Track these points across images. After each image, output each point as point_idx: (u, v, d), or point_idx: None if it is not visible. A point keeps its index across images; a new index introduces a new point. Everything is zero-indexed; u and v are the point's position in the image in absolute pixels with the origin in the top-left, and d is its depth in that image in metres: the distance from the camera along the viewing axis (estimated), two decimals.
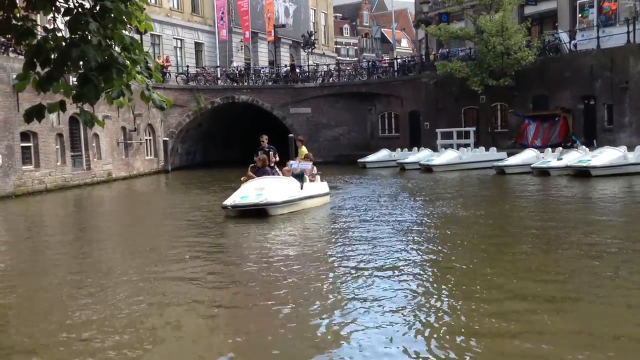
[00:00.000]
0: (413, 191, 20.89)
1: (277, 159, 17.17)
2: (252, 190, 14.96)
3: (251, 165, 16.43)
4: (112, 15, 4.82)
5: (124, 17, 4.88)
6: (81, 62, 4.78)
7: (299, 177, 16.06)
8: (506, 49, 30.89)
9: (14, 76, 21.05)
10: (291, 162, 16.91)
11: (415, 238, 11.79)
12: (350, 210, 15.88)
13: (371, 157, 33.86)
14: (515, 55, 30.89)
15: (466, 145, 31.79)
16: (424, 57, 39.93)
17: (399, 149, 34.27)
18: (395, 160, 32.26)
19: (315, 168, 17.14)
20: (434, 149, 32.08)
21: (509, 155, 28.21)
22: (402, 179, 26.02)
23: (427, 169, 28.82)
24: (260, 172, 15.97)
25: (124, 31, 4.95)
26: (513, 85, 31.73)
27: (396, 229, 12.69)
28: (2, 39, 21.91)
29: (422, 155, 31.20)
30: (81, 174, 27.36)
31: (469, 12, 34.56)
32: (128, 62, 4.92)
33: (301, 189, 15.74)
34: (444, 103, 35.14)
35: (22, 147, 23.75)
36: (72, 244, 13.26)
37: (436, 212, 15.29)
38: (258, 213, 14.46)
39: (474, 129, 33.30)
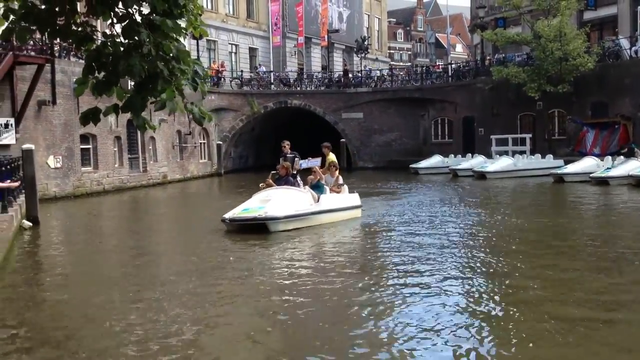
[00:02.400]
0: (465, 199, 20.58)
1: (299, 167, 15.43)
2: (257, 202, 13.81)
3: (272, 172, 15.28)
4: (160, 26, 4.89)
5: (172, 29, 4.94)
6: (125, 74, 4.87)
7: (318, 188, 14.58)
8: (564, 54, 30.23)
9: (74, 80, 21.55)
10: (301, 162, 15.18)
11: (465, 252, 11.55)
12: (390, 223, 14.80)
13: (423, 163, 33.57)
14: (573, 61, 30.21)
15: (522, 152, 31.20)
16: (479, 62, 39.40)
17: (452, 155, 33.87)
18: (447, 167, 31.89)
19: (341, 178, 15.55)
20: (488, 155, 31.59)
21: (566, 163, 27.54)
22: (454, 186, 25.69)
23: (481, 175, 28.39)
24: (281, 181, 14.70)
25: (176, 41, 5.00)
26: (571, 92, 31.03)
27: (441, 242, 12.31)
28: (64, 44, 22.59)
29: (475, 161, 30.76)
30: (137, 176, 27.96)
31: (526, 17, 33.95)
32: (179, 72, 4.97)
33: (317, 201, 14.18)
34: (499, 109, 34.59)
35: (82, 149, 24.44)
36: (129, 246, 13.54)
37: (490, 221, 14.88)
38: (259, 228, 13.14)
39: (530, 135, 32.65)
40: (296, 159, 15.14)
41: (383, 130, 38.59)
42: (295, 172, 14.96)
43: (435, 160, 33.69)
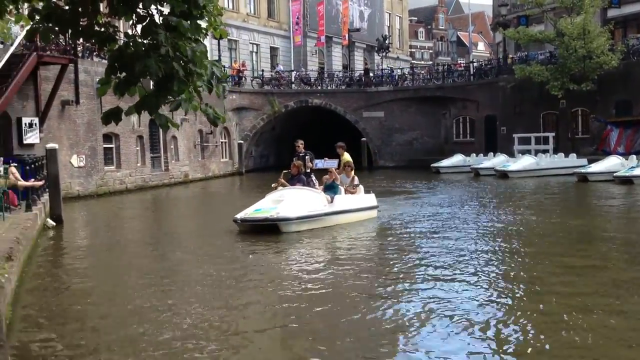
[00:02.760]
0: (486, 198, 20.44)
1: (313, 165, 15.30)
2: (269, 203, 13.58)
3: (284, 171, 15.09)
4: (178, 27, 4.92)
5: (188, 32, 4.97)
6: (142, 74, 4.91)
7: (333, 189, 14.29)
8: (588, 52, 29.90)
9: (97, 80, 21.77)
10: (316, 161, 14.99)
11: (486, 252, 11.46)
12: (409, 222, 14.56)
13: (445, 162, 33.41)
14: (597, 59, 29.87)
15: (544, 151, 30.89)
16: (501, 60, 39.10)
17: (474, 154, 33.65)
18: (469, 166, 31.73)
19: (356, 178, 15.22)
20: (511, 154, 31.33)
21: (590, 162, 27.23)
22: (475, 185, 25.52)
23: (503, 175, 28.18)
24: (294, 180, 14.48)
25: (194, 42, 5.03)
26: (595, 90, 30.68)
27: (463, 243, 12.25)
28: (87, 44, 22.83)
29: (497, 160, 30.56)
30: (160, 175, 28.17)
31: (549, 15, 33.61)
32: (194, 73, 5.00)
33: (330, 201, 13.91)
34: (521, 107, 34.29)
35: (105, 148, 24.68)
36: (151, 244, 13.64)
37: (512, 221, 14.70)
38: (270, 228, 12.93)
39: (553, 134, 32.30)
40: (307, 157, 14.92)
41: (404, 129, 38.46)
42: (308, 171, 14.75)
43: (457, 159, 33.51)
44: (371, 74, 42.35)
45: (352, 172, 15.18)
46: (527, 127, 33.21)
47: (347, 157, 15.40)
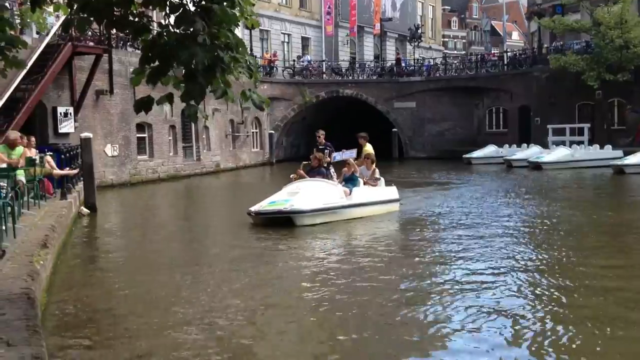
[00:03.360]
0: (519, 190, 20.17)
1: (331, 159, 14.78)
2: (284, 195, 13.34)
3: (304, 162, 14.91)
4: (218, 15, 4.92)
5: (229, 17, 4.97)
6: (187, 62, 4.92)
7: (352, 181, 13.95)
8: (625, 42, 29.30)
9: (131, 70, 21.92)
10: (334, 154, 14.57)
11: (518, 247, 11.28)
12: (433, 216, 14.19)
13: (477, 153, 33.08)
14: (634, 49, 29.27)
15: (579, 143, 30.38)
16: (536, 50, 38.49)
17: (507, 145, 33.23)
18: (502, 157, 31.36)
19: (377, 171, 14.80)
20: (545, 145, 30.88)
21: (626, 154, 26.69)
22: (508, 177, 25.22)
23: (536, 166, 27.80)
24: (313, 172, 14.18)
25: (229, 31, 5.04)
26: (632, 81, 30.06)
27: (493, 238, 12.12)
28: (121, 34, 23.04)
29: (531, 152, 30.15)
30: (191, 164, 28.40)
31: (585, 4, 32.99)
32: (232, 61, 5.01)
33: (349, 194, 13.58)
34: (556, 98, 33.71)
35: (138, 137, 24.95)
36: (182, 233, 13.78)
37: (546, 214, 14.41)
38: (284, 221, 12.63)
39: (589, 125, 31.70)
40: (327, 150, 14.52)
41: (436, 119, 38.14)
42: (328, 164, 14.40)
43: (490, 150, 33.15)
44: (403, 64, 42.03)
45: (373, 165, 14.73)
46: (562, 118, 32.66)
47: (368, 148, 14.90)
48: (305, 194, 13.05)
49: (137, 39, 5.48)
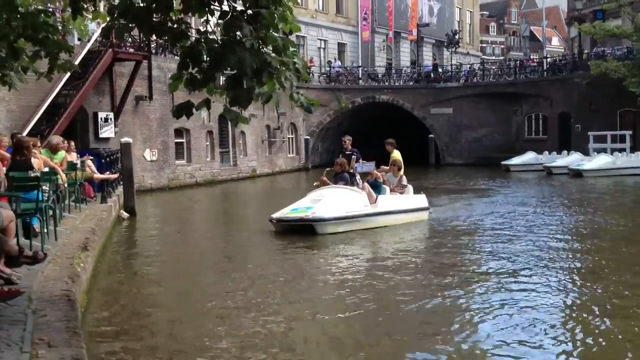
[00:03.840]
0: (559, 198, 19.82)
1: (354, 166, 14.34)
2: (307, 202, 13.01)
3: (327, 169, 14.68)
4: (266, 19, 4.94)
5: (276, 21, 4.99)
6: (236, 67, 4.94)
7: (376, 188, 13.51)
8: None
9: (170, 76, 22.13)
10: (356, 164, 14.07)
11: (558, 259, 11.05)
12: (466, 225, 13.76)
13: (515, 160, 32.64)
14: None
15: (621, 150, 29.74)
16: (576, 56, 37.86)
17: (547, 152, 32.71)
18: (541, 164, 30.87)
19: (404, 178, 14.31)
20: (585, 153, 30.32)
21: None
22: (547, 184, 24.82)
23: (577, 174, 27.29)
24: (337, 178, 13.72)
25: (275, 34, 5.06)
26: None
27: (532, 248, 11.91)
28: (160, 41, 23.35)
29: (571, 159, 29.63)
30: (228, 169, 28.61)
31: (627, 9, 32.38)
32: (279, 64, 5.02)
33: (375, 201, 13.16)
34: (597, 105, 33.05)
35: (176, 142, 25.26)
36: (219, 237, 13.87)
37: (588, 224, 14.05)
38: (307, 229, 12.28)
39: (630, 132, 31.03)
40: (354, 156, 14.13)
41: (473, 125, 37.75)
42: (352, 171, 13.95)
43: (529, 157, 32.67)
44: (440, 70, 41.76)
45: (400, 172, 14.26)
46: (603, 124, 31.99)
47: (396, 155, 14.47)
48: (327, 202, 12.72)
49: (175, 45, 5.53)
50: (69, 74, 13.78)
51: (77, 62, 18.99)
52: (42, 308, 5.42)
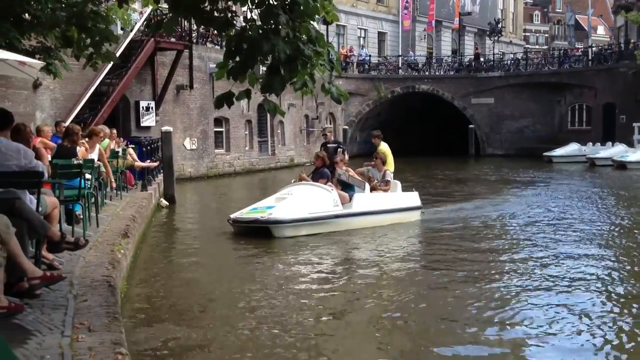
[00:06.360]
0: (603, 190, 19.37)
1: (346, 158, 13.32)
2: (271, 200, 11.84)
3: (306, 164, 13.08)
4: (302, 8, 4.94)
5: (311, 11, 4.99)
6: (270, 55, 4.96)
7: (350, 186, 12.09)
8: None
9: (211, 65, 22.30)
10: (339, 171, 12.29)
11: (600, 257, 10.81)
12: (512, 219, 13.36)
13: (558, 151, 32.04)
14: None
15: None
16: (622, 45, 36.88)
17: (590, 143, 32.02)
18: (585, 155, 30.27)
19: (389, 174, 12.74)
20: (630, 144, 29.59)
21: None
22: (591, 176, 24.30)
23: (621, 165, 26.68)
24: (316, 174, 12.35)
25: (310, 24, 5.06)
26: None
27: (573, 246, 11.66)
28: (202, 31, 23.51)
29: (615, 150, 28.97)
30: (266, 158, 28.72)
31: None
32: (312, 54, 5.02)
33: (349, 201, 11.74)
34: None
35: (215, 132, 25.45)
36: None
37: (632, 219, 13.75)
38: (265, 231, 11.02)
39: None
40: (340, 149, 13.09)
41: (515, 116, 37.15)
42: (337, 165, 12.44)
43: (572, 148, 32.04)
44: (482, 59, 41.15)
45: (385, 166, 12.77)
46: None
47: (383, 147, 13.13)
48: (291, 201, 11.43)
49: (221, 34, 5.57)
50: (112, 63, 13.93)
51: (119, 51, 19.36)
52: (83, 293, 5.50)
